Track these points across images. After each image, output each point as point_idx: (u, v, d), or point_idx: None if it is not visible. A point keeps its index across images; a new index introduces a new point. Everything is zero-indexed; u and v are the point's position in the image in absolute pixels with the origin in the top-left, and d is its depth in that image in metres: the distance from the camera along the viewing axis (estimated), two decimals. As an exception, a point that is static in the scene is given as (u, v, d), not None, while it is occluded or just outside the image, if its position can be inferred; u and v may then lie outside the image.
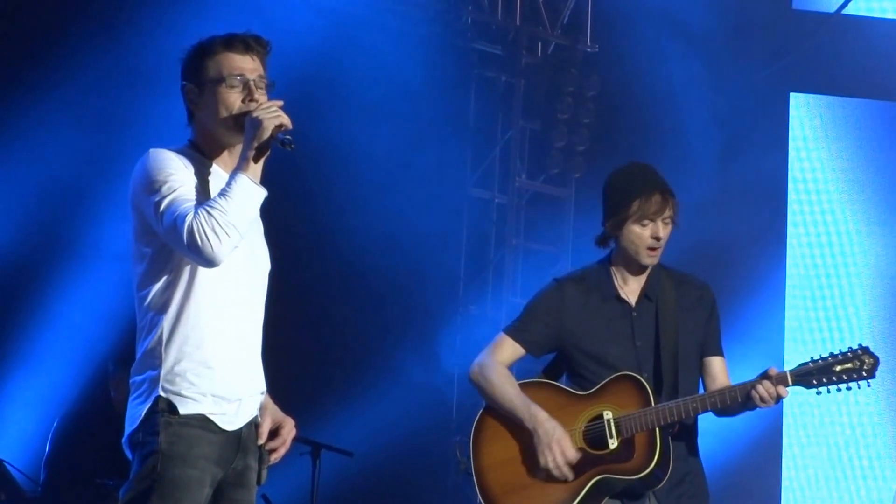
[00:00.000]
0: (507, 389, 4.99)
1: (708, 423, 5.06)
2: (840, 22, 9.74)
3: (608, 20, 9.80)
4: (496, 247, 9.91)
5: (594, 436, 4.86)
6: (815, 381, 4.79)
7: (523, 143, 10.01)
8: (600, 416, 4.85)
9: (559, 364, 5.10)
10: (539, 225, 10.03)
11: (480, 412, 5.09)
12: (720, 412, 4.94)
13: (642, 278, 4.97)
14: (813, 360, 4.82)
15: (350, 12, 9.01)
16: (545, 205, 10.04)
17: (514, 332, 5.06)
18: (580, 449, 4.87)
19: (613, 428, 4.82)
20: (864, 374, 4.78)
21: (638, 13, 9.32)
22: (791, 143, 9.69)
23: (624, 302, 4.97)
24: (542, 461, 4.86)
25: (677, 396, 4.86)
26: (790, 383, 4.76)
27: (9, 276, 7.74)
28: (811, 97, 9.84)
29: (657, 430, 4.77)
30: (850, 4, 9.67)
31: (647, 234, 4.88)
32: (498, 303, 9.76)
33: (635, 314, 4.95)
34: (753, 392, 4.73)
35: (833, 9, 9.86)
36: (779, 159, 9.60)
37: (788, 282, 9.50)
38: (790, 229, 9.61)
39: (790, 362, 8.90)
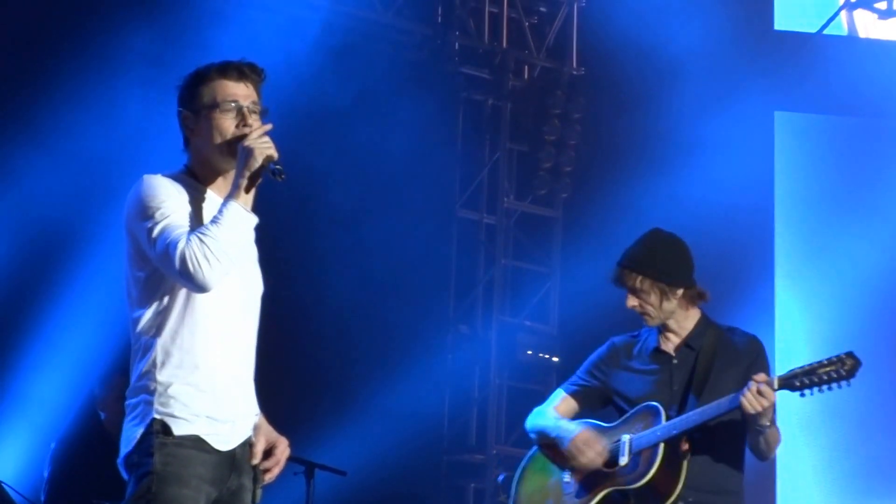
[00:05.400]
0: (547, 419, 5.40)
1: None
2: (822, 41, 9.83)
3: (593, 43, 9.87)
4: (485, 267, 9.95)
5: (611, 456, 5.20)
6: (798, 384, 4.95)
7: (511, 165, 10.09)
8: (619, 440, 5.18)
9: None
10: (527, 245, 10.09)
11: (529, 453, 5.49)
12: (752, 448, 5.15)
13: (683, 332, 5.25)
14: (801, 367, 5.00)
15: (339, 40, 9.08)
16: (533, 225, 10.10)
17: (567, 385, 5.47)
18: (596, 470, 5.21)
19: (627, 447, 5.15)
20: (844, 374, 4.93)
21: (621, 36, 9.38)
22: (777, 161, 9.75)
23: (664, 353, 5.27)
24: (575, 462, 5.23)
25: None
26: (776, 388, 4.93)
27: (2, 302, 7.74)
28: (796, 115, 9.91)
29: (661, 443, 5.05)
30: (830, 25, 9.77)
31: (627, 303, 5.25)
32: (488, 322, 9.80)
33: (675, 362, 5.24)
34: (742, 399, 4.90)
35: (814, 29, 9.95)
36: (765, 178, 9.66)
37: (777, 300, 9.55)
38: (777, 247, 9.66)
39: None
